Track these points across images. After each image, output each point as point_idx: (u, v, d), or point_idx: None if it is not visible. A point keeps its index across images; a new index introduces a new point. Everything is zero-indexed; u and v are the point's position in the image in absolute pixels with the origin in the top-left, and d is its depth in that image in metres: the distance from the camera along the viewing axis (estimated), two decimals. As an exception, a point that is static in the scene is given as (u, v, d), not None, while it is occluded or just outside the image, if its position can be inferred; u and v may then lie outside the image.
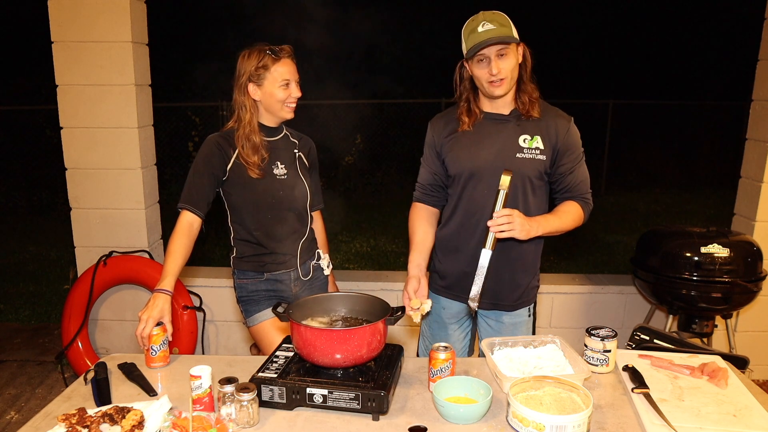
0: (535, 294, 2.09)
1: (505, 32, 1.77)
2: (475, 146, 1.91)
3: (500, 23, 1.78)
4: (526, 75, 1.89)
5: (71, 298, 3.19)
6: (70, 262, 3.62)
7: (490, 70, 1.80)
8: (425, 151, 2.05)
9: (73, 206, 3.23)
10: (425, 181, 2.05)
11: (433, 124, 2.03)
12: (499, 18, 1.79)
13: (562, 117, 1.93)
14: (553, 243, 6.31)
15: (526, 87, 1.90)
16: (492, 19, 1.78)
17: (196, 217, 1.97)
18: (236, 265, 2.15)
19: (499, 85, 1.82)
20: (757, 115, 3.09)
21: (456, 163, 1.94)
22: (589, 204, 1.99)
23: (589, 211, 1.99)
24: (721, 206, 6.64)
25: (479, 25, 1.77)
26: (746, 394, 1.54)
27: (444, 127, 1.99)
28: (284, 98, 2.00)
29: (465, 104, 1.94)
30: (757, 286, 2.64)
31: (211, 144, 2.03)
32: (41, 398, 3.15)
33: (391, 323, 1.55)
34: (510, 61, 1.81)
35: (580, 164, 1.96)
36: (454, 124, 1.97)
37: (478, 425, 1.41)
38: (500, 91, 1.84)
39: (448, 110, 2.04)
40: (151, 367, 1.71)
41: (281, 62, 1.98)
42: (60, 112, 3.11)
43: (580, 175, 1.96)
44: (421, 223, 2.03)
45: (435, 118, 2.05)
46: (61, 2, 2.98)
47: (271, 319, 2.10)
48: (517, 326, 2.05)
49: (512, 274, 1.99)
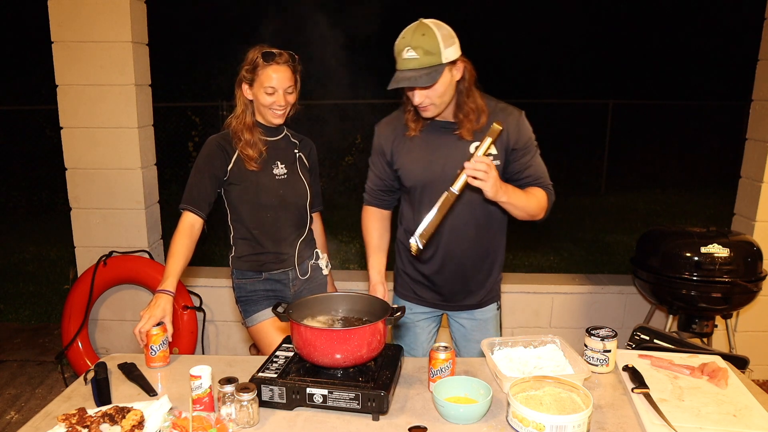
0: (499, 287, 2.11)
1: (429, 62, 1.63)
2: (427, 158, 1.86)
3: (426, 50, 1.62)
4: (464, 93, 1.78)
5: (71, 298, 3.19)
6: (70, 262, 3.62)
7: (414, 99, 1.73)
8: (373, 156, 2.00)
9: (73, 206, 3.23)
10: (374, 185, 2.02)
11: (380, 130, 1.97)
12: (426, 42, 1.62)
13: (512, 114, 1.86)
14: (553, 243, 6.31)
15: (463, 105, 1.79)
16: (417, 45, 1.62)
17: (197, 218, 1.98)
18: (235, 265, 2.15)
19: (426, 109, 1.76)
20: (757, 115, 3.09)
21: (410, 176, 1.91)
22: (552, 195, 1.92)
23: (552, 201, 1.91)
24: (721, 206, 6.63)
25: (404, 50, 1.65)
26: (746, 394, 1.53)
27: (392, 132, 1.93)
28: (268, 104, 1.98)
29: (412, 109, 1.84)
30: (757, 286, 2.64)
31: (212, 144, 2.04)
32: (41, 398, 3.15)
33: (391, 323, 1.55)
34: (437, 88, 1.70)
35: (535, 157, 1.90)
36: (402, 128, 1.90)
37: (478, 425, 1.41)
38: (427, 115, 1.79)
39: (395, 114, 1.96)
40: (151, 367, 1.71)
41: (272, 68, 1.94)
42: (60, 112, 3.11)
43: (538, 169, 1.90)
44: (375, 227, 2.03)
45: (382, 123, 1.98)
46: (61, 2, 2.98)
47: (270, 319, 2.10)
48: (488, 321, 2.08)
49: (480, 273, 2.01)
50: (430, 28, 1.65)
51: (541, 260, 5.43)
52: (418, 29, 1.65)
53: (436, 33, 1.64)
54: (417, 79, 1.64)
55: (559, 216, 7.35)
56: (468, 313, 2.08)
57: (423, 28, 1.65)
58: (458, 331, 2.13)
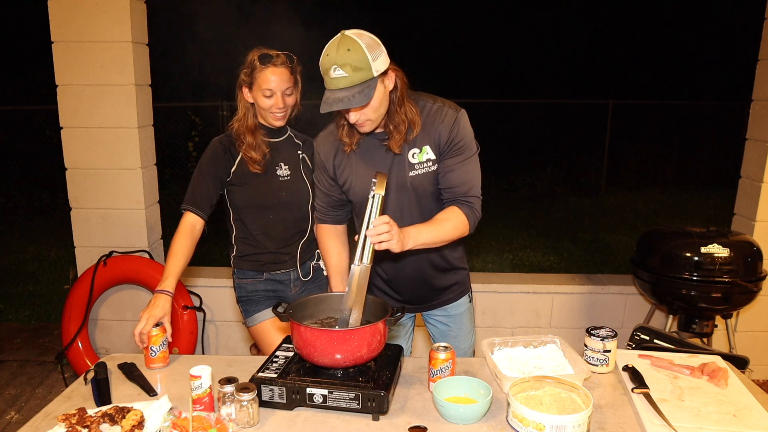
0: (467, 279, 2.08)
1: (359, 78, 1.53)
2: (369, 171, 1.78)
3: (354, 67, 1.52)
4: (397, 101, 1.70)
5: (71, 298, 3.19)
6: (70, 262, 3.62)
7: (350, 118, 1.67)
8: (316, 172, 1.95)
9: (73, 206, 3.23)
10: (323, 202, 1.96)
11: (319, 145, 1.89)
12: (352, 58, 1.52)
13: (448, 114, 1.75)
14: (553, 243, 6.31)
15: (394, 116, 1.71)
16: (344, 62, 1.52)
17: (198, 219, 1.98)
18: (236, 265, 2.15)
19: (362, 125, 1.69)
20: (757, 115, 3.09)
21: (353, 192, 1.85)
22: (475, 211, 1.79)
23: (475, 218, 1.79)
24: (721, 206, 6.63)
25: (331, 69, 1.54)
26: (746, 394, 1.54)
27: (330, 147, 1.85)
28: (266, 107, 1.98)
29: (344, 124, 1.76)
30: (757, 286, 2.64)
31: (216, 146, 2.04)
32: (41, 398, 3.15)
33: (391, 324, 1.55)
34: (372, 104, 1.62)
35: (464, 163, 1.77)
36: (340, 143, 1.82)
37: (478, 425, 1.41)
38: (366, 130, 1.71)
39: (331, 128, 1.87)
40: (150, 367, 1.71)
41: (269, 70, 1.93)
42: (60, 112, 3.11)
43: (464, 175, 1.77)
44: (332, 245, 1.99)
45: (320, 137, 1.90)
46: (61, 2, 2.98)
47: (271, 319, 2.10)
48: (462, 315, 2.07)
49: (444, 273, 1.98)
50: (355, 41, 1.53)
51: (541, 260, 5.43)
52: (342, 44, 1.53)
53: (362, 46, 1.53)
54: (350, 99, 1.54)
55: (559, 216, 7.36)
56: (441, 311, 2.06)
57: (347, 43, 1.53)
58: (436, 328, 2.11)
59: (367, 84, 1.56)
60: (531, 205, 7.99)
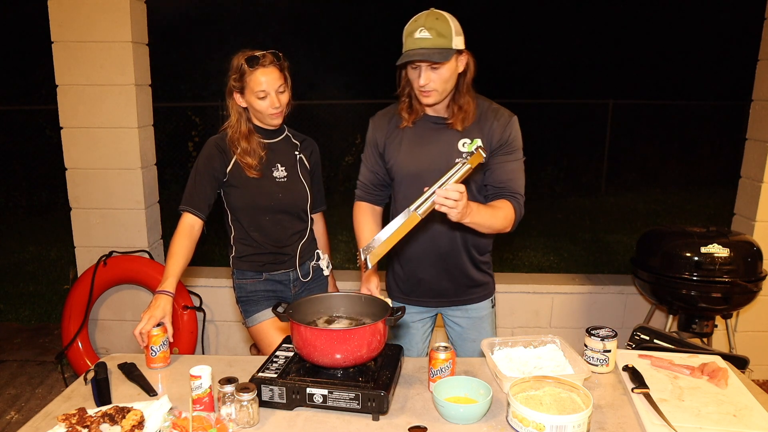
0: (493, 285, 2.10)
1: (441, 43, 1.67)
2: (416, 150, 1.88)
3: (439, 32, 1.66)
4: (463, 86, 1.81)
5: (71, 298, 3.19)
6: (70, 262, 3.62)
7: (420, 80, 1.74)
8: (366, 149, 2.01)
9: (73, 206, 3.23)
10: (367, 180, 2.01)
11: (375, 122, 1.98)
12: (439, 26, 1.67)
13: (503, 116, 1.86)
14: (553, 243, 6.31)
15: (459, 98, 1.82)
16: (431, 26, 1.66)
17: (197, 219, 1.98)
18: (235, 265, 2.15)
19: (428, 95, 1.77)
20: (757, 115, 3.09)
21: (397, 166, 1.91)
22: (521, 206, 1.86)
23: (520, 215, 1.86)
24: (721, 206, 6.64)
25: (417, 30, 1.67)
26: (746, 394, 1.54)
27: (386, 124, 1.94)
28: (262, 109, 1.97)
29: (407, 100, 1.87)
30: (757, 286, 2.64)
31: (212, 146, 2.04)
32: (41, 398, 3.15)
33: (391, 323, 1.55)
34: (443, 73, 1.73)
35: (514, 163, 1.87)
36: (396, 121, 1.92)
37: (478, 425, 1.41)
38: (428, 101, 1.79)
39: (390, 108, 1.98)
40: (151, 367, 1.71)
41: (259, 71, 1.92)
42: (60, 112, 3.11)
43: (512, 173, 1.86)
44: (367, 221, 1.99)
45: (377, 115, 2.00)
46: (61, 2, 2.98)
47: (271, 319, 2.10)
48: (483, 319, 2.07)
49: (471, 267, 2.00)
50: (443, 14, 1.71)
51: (541, 260, 5.42)
52: (431, 14, 1.70)
53: (448, 19, 1.70)
54: (431, 54, 1.66)
55: (559, 216, 7.36)
56: (462, 311, 2.07)
57: (436, 14, 1.70)
58: (454, 330, 2.12)
59: (446, 50, 1.68)
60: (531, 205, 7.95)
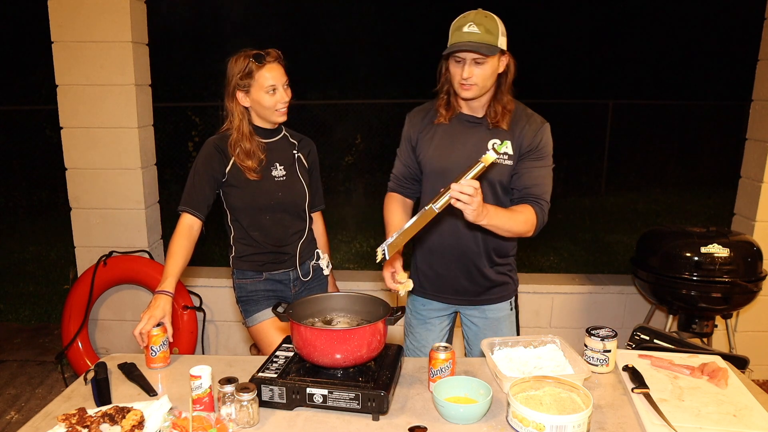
0: (514, 287, 2.09)
1: (488, 40, 1.72)
2: (446, 146, 1.92)
3: (487, 29, 1.73)
4: (504, 86, 1.86)
5: (71, 298, 3.19)
6: (70, 262, 3.62)
7: (463, 73, 1.78)
8: (401, 143, 2.05)
9: (73, 206, 3.23)
10: (399, 173, 2.06)
11: (411, 117, 2.04)
12: (488, 23, 1.74)
13: (535, 121, 1.90)
14: (553, 243, 6.31)
15: (501, 98, 1.87)
16: (480, 22, 1.73)
17: (196, 220, 1.98)
18: (235, 265, 2.15)
19: (468, 89, 1.81)
20: (757, 115, 3.09)
21: (426, 161, 1.96)
22: (545, 214, 1.87)
23: (542, 222, 1.86)
24: (721, 206, 6.63)
25: (466, 25, 1.74)
26: (746, 394, 1.54)
27: (421, 120, 1.99)
28: (272, 104, 1.98)
29: (445, 96, 1.92)
30: (757, 286, 2.64)
31: (210, 146, 2.04)
32: (41, 398, 3.15)
33: (391, 323, 1.55)
34: (486, 69, 1.77)
35: (542, 168, 1.88)
36: (431, 117, 1.97)
37: (478, 425, 1.41)
38: (468, 95, 1.83)
39: (427, 104, 2.03)
40: (151, 367, 1.71)
41: (266, 68, 1.95)
42: (60, 112, 3.11)
43: (539, 178, 1.87)
44: (397, 209, 2.02)
45: (414, 111, 2.05)
46: (61, 2, 2.98)
47: (271, 319, 2.10)
48: (500, 320, 2.06)
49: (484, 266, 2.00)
50: (491, 14, 1.78)
51: (541, 260, 5.42)
52: (480, 12, 1.77)
53: (496, 19, 1.77)
54: (478, 47, 1.71)
55: (559, 216, 7.35)
56: (480, 311, 2.07)
57: (485, 13, 1.77)
58: (470, 329, 2.12)
59: (493, 46, 1.74)
60: (531, 205, 7.96)
